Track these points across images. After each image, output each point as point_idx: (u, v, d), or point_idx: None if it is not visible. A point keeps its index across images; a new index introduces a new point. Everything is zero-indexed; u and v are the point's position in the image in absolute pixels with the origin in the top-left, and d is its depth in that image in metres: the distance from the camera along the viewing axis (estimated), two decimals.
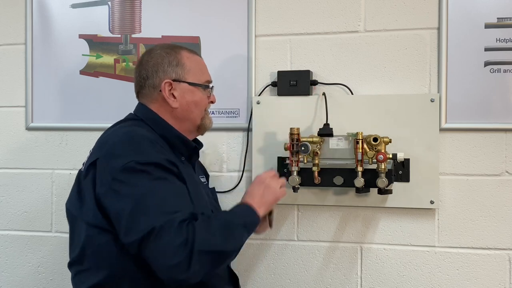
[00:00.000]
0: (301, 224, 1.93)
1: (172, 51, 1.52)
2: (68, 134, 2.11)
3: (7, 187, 2.17)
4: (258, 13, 1.96)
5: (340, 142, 1.77)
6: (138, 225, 1.24)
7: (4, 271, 2.18)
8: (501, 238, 1.78)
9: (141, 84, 1.52)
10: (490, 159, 1.79)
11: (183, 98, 1.50)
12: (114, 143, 1.37)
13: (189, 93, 1.50)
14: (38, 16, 2.13)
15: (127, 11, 2.06)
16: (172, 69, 1.49)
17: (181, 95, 1.49)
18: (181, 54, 1.52)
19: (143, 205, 1.26)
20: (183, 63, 1.51)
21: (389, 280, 1.86)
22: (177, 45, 1.57)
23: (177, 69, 1.50)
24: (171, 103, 1.48)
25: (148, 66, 1.50)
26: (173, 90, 1.49)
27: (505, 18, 1.77)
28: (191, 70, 1.51)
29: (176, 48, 1.54)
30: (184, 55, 1.52)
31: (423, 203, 1.80)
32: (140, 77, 1.52)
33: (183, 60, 1.51)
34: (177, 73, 1.49)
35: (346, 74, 1.89)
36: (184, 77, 1.50)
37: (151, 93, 1.50)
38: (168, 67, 1.49)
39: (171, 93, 1.49)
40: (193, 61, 1.53)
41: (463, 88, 1.79)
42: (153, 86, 1.50)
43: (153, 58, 1.51)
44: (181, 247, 1.21)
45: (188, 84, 1.50)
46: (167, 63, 1.49)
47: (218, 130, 1.97)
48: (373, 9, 1.87)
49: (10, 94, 2.17)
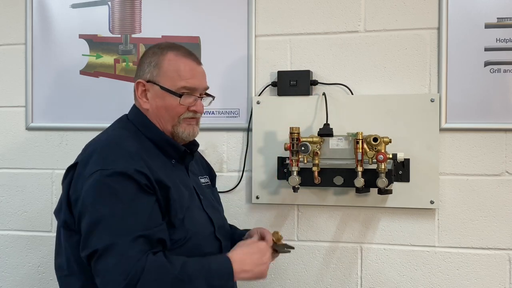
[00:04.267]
0: (301, 224, 1.93)
1: (159, 50, 1.46)
2: (68, 134, 2.11)
3: (7, 187, 2.17)
4: (258, 13, 1.96)
5: (340, 142, 1.77)
6: (90, 241, 1.25)
7: (4, 271, 2.17)
8: (501, 238, 1.78)
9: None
10: (490, 159, 1.79)
11: (154, 100, 1.45)
12: (93, 149, 1.37)
13: (160, 97, 1.44)
14: (38, 16, 2.13)
15: (127, 11, 2.06)
16: (149, 69, 1.45)
17: (152, 97, 1.45)
18: (165, 56, 1.45)
19: (99, 222, 1.25)
20: (161, 65, 1.44)
21: (389, 280, 1.86)
22: (172, 45, 1.50)
23: (153, 70, 1.45)
24: (142, 103, 1.46)
25: (138, 65, 1.50)
26: (146, 91, 1.45)
27: (505, 18, 1.77)
28: (166, 73, 1.44)
29: (167, 49, 1.47)
30: (168, 56, 1.45)
31: (423, 203, 1.80)
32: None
33: (162, 62, 1.44)
34: (152, 74, 1.45)
35: (346, 74, 1.89)
36: (157, 80, 1.44)
37: (135, 90, 1.49)
38: (147, 67, 1.46)
39: (144, 94, 1.45)
40: (174, 64, 1.45)
41: (463, 88, 1.79)
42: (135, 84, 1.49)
43: (142, 57, 1.50)
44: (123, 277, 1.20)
45: (159, 88, 1.44)
46: (147, 62, 1.46)
47: (218, 130, 1.98)
48: (373, 9, 1.87)
49: (10, 94, 2.17)
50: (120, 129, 1.46)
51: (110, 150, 1.34)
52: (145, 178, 1.30)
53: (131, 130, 1.45)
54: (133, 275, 1.20)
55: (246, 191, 1.96)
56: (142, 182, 1.29)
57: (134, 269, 1.20)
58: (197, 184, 1.55)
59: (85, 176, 1.31)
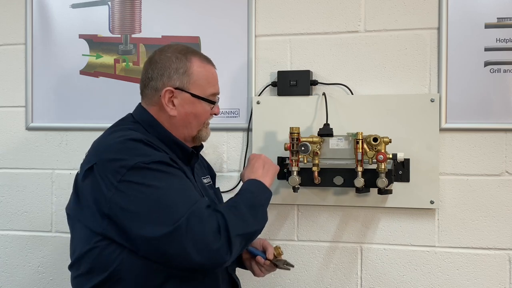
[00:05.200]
0: (301, 224, 1.93)
1: (183, 57, 1.45)
2: (68, 134, 2.11)
3: (7, 187, 2.17)
4: (258, 13, 1.96)
5: (340, 142, 1.77)
6: (165, 219, 1.24)
7: (4, 271, 2.18)
8: (501, 238, 1.78)
9: (145, 84, 1.48)
10: (490, 159, 1.79)
11: (183, 108, 1.45)
12: (111, 148, 1.34)
13: (190, 104, 1.45)
14: (38, 16, 2.13)
15: (127, 11, 2.06)
16: (178, 76, 1.44)
17: (181, 104, 1.45)
18: (192, 62, 1.45)
19: (164, 200, 1.26)
20: (191, 73, 1.44)
21: (389, 280, 1.86)
22: (191, 50, 1.49)
23: (182, 78, 1.44)
24: (169, 111, 1.44)
25: (155, 67, 1.45)
26: (173, 97, 1.44)
27: (505, 18, 1.77)
28: (197, 81, 1.45)
29: (189, 54, 1.47)
30: (195, 63, 1.46)
31: (423, 203, 1.80)
32: (145, 76, 1.48)
33: (191, 69, 1.45)
34: (181, 81, 1.44)
35: (346, 74, 1.89)
36: (188, 87, 1.44)
37: (152, 95, 1.46)
38: (174, 73, 1.44)
39: (171, 101, 1.44)
40: (203, 72, 1.46)
41: (463, 88, 1.79)
42: (155, 89, 1.45)
43: (162, 60, 1.45)
44: (216, 234, 1.24)
45: (190, 95, 1.44)
46: (174, 69, 1.44)
47: (218, 130, 1.97)
48: (373, 9, 1.87)
49: (10, 94, 2.17)
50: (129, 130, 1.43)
51: (135, 145, 1.33)
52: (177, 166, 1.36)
53: (141, 130, 1.44)
54: (221, 224, 1.26)
55: None
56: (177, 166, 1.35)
57: (217, 220, 1.26)
58: (202, 185, 1.55)
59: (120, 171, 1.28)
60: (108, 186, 1.28)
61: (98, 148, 1.39)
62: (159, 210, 1.26)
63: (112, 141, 1.36)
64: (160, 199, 1.26)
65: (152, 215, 1.26)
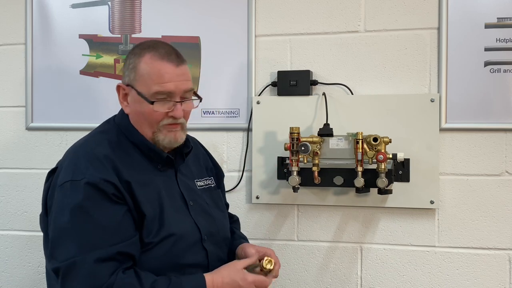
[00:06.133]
0: (301, 224, 1.93)
1: (140, 51, 1.37)
2: (68, 134, 2.11)
3: (7, 187, 2.17)
4: (258, 13, 1.96)
5: (340, 142, 1.77)
6: (56, 254, 1.25)
7: (4, 271, 2.18)
8: (501, 238, 1.78)
9: None
10: (490, 159, 1.79)
11: (133, 105, 1.38)
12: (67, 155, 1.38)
13: (137, 103, 1.36)
14: (38, 16, 2.13)
15: (127, 11, 2.06)
16: (128, 72, 1.38)
17: (131, 101, 1.38)
18: (143, 57, 1.35)
19: (64, 235, 1.24)
20: (138, 68, 1.35)
21: (389, 280, 1.86)
22: (151, 45, 1.38)
23: (130, 74, 1.37)
24: (124, 107, 1.40)
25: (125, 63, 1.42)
26: (127, 94, 1.38)
27: (505, 18, 1.77)
28: (142, 77, 1.34)
29: (145, 50, 1.36)
30: (146, 58, 1.35)
31: (423, 203, 1.80)
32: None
33: (140, 64, 1.35)
34: (129, 77, 1.37)
35: (346, 74, 1.89)
36: (134, 84, 1.36)
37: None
38: (126, 69, 1.39)
39: (125, 98, 1.39)
40: (150, 68, 1.34)
41: (463, 88, 1.79)
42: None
43: (127, 56, 1.41)
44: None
45: (136, 93, 1.35)
46: (127, 64, 1.39)
47: (218, 130, 1.98)
48: (373, 9, 1.87)
49: (10, 94, 2.17)
50: (100, 133, 1.43)
51: (80, 157, 1.33)
52: (113, 188, 1.27)
53: (113, 133, 1.40)
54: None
55: (246, 191, 1.96)
56: (110, 191, 1.26)
57: (100, 282, 1.19)
58: (188, 189, 1.46)
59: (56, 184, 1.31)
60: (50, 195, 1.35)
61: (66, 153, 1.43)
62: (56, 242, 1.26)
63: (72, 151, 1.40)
64: (63, 232, 1.25)
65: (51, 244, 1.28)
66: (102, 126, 1.47)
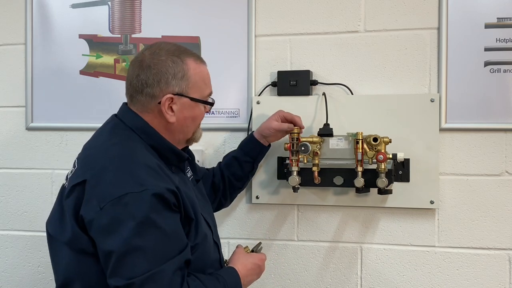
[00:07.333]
0: (301, 224, 1.93)
1: (178, 59, 1.36)
2: (68, 134, 2.11)
3: (7, 187, 2.17)
4: (258, 13, 1.96)
5: (340, 142, 1.77)
6: (126, 270, 1.17)
7: (4, 271, 2.18)
8: (501, 238, 1.78)
9: (137, 89, 1.37)
10: (490, 159, 1.79)
11: (181, 113, 1.38)
12: (105, 166, 1.26)
13: (189, 109, 1.39)
14: (38, 16, 2.13)
15: (127, 11, 2.06)
16: (176, 82, 1.36)
17: (180, 110, 1.37)
18: (187, 65, 1.37)
19: (133, 249, 1.18)
20: (189, 76, 1.37)
21: (389, 280, 1.86)
22: (183, 50, 1.40)
23: (181, 83, 1.36)
24: (168, 118, 1.36)
25: (150, 73, 1.35)
26: (172, 104, 1.36)
27: (505, 18, 1.77)
28: (195, 84, 1.38)
29: (183, 56, 1.38)
30: (191, 65, 1.38)
31: (423, 203, 1.80)
32: (137, 80, 1.37)
33: (189, 73, 1.37)
34: (180, 86, 1.36)
35: (346, 74, 1.89)
36: (188, 92, 1.37)
37: (147, 102, 1.37)
38: (172, 79, 1.35)
39: (170, 107, 1.36)
40: (199, 73, 1.40)
41: (463, 88, 1.79)
42: (152, 96, 1.35)
43: (157, 65, 1.35)
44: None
45: (190, 100, 1.38)
46: (172, 74, 1.35)
47: (218, 130, 1.97)
48: (373, 9, 1.87)
49: (10, 94, 2.17)
50: (125, 140, 1.35)
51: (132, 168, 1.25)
52: (174, 197, 1.25)
53: (136, 139, 1.36)
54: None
55: (246, 191, 1.96)
56: (172, 201, 1.24)
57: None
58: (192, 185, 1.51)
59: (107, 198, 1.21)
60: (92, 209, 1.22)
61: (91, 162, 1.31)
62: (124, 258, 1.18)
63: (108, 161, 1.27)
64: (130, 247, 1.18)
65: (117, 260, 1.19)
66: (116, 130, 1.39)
